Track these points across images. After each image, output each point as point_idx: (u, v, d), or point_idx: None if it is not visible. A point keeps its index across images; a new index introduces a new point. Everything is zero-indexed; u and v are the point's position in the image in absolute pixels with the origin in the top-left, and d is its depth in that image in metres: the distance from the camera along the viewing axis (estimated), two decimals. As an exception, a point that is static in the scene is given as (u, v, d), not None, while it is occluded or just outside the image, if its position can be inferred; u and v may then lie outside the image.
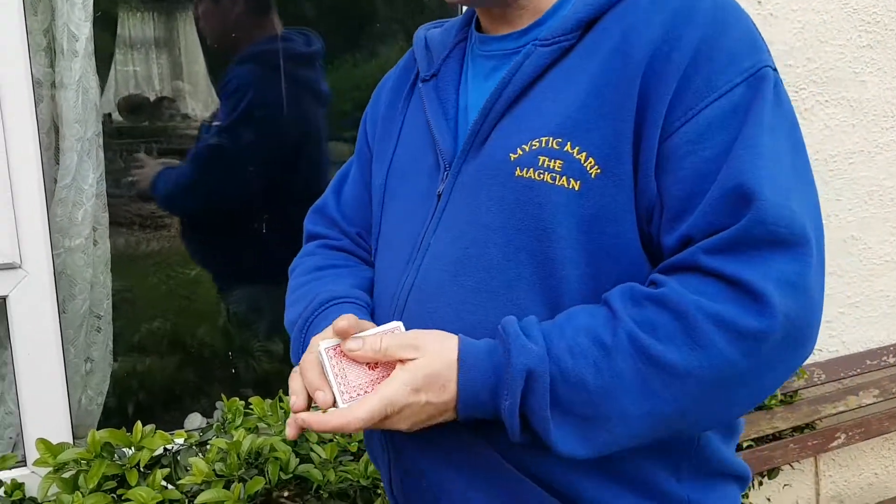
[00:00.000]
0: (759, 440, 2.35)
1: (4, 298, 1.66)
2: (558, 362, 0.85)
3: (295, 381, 0.95)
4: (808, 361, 2.45)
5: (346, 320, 0.91)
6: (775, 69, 0.92)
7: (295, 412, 0.91)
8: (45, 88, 1.74)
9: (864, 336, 2.66)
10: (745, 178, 0.83)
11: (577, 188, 0.89)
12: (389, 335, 0.90)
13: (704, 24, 0.88)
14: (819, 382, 2.47)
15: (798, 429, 2.43)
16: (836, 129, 2.44)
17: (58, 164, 1.77)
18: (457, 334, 0.91)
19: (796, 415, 2.39)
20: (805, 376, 2.43)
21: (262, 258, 2.16)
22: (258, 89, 2.09)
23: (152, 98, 2.18)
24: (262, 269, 2.14)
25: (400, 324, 0.95)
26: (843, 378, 2.53)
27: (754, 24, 0.93)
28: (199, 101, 2.15)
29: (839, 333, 2.64)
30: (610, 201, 0.89)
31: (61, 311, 1.76)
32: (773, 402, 2.36)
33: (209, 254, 2.26)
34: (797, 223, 0.84)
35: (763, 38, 0.93)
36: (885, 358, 2.59)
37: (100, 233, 1.84)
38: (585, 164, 0.89)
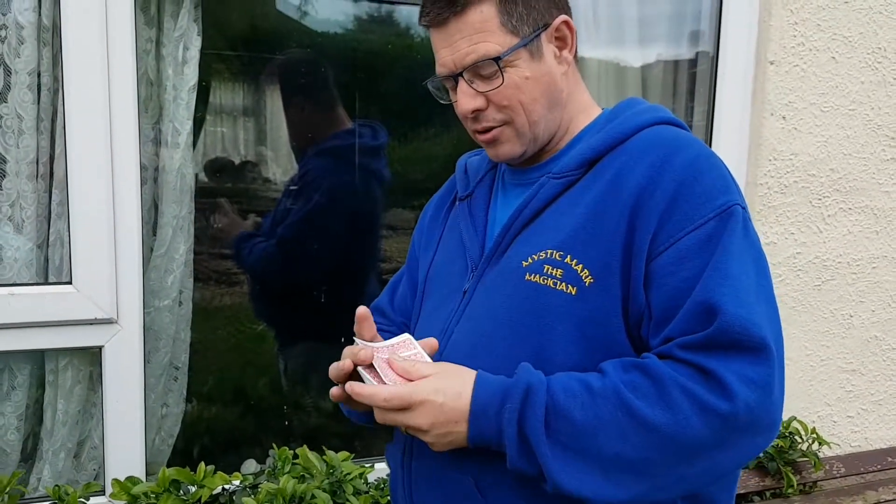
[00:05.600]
0: (774, 526, 2.44)
1: (101, 348, 1.93)
2: (553, 395, 1.03)
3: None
4: (828, 454, 2.57)
5: (363, 308, 1.17)
6: (744, 207, 1.09)
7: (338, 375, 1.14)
8: (150, 172, 2.03)
9: (887, 434, 2.73)
10: (712, 296, 1.01)
11: (573, 293, 1.08)
12: (423, 363, 1.11)
13: (683, 169, 1.08)
14: (839, 475, 2.56)
15: (815, 519, 2.51)
16: (860, 234, 2.56)
17: (155, 236, 2.05)
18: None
19: (813, 505, 2.48)
20: (824, 468, 2.52)
21: (319, 322, 2.40)
22: (333, 179, 2.34)
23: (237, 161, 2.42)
24: (320, 331, 2.37)
25: (408, 335, 1.17)
26: (864, 473, 2.61)
27: (727, 170, 1.13)
28: (280, 167, 2.39)
29: (862, 429, 2.73)
30: (600, 305, 1.07)
31: (146, 362, 2.02)
32: (791, 490, 2.45)
33: (274, 314, 2.50)
34: (757, 332, 0.99)
35: (734, 181, 1.13)
36: (906, 456, 2.67)
37: (185, 295, 2.11)
38: (581, 274, 1.08)
